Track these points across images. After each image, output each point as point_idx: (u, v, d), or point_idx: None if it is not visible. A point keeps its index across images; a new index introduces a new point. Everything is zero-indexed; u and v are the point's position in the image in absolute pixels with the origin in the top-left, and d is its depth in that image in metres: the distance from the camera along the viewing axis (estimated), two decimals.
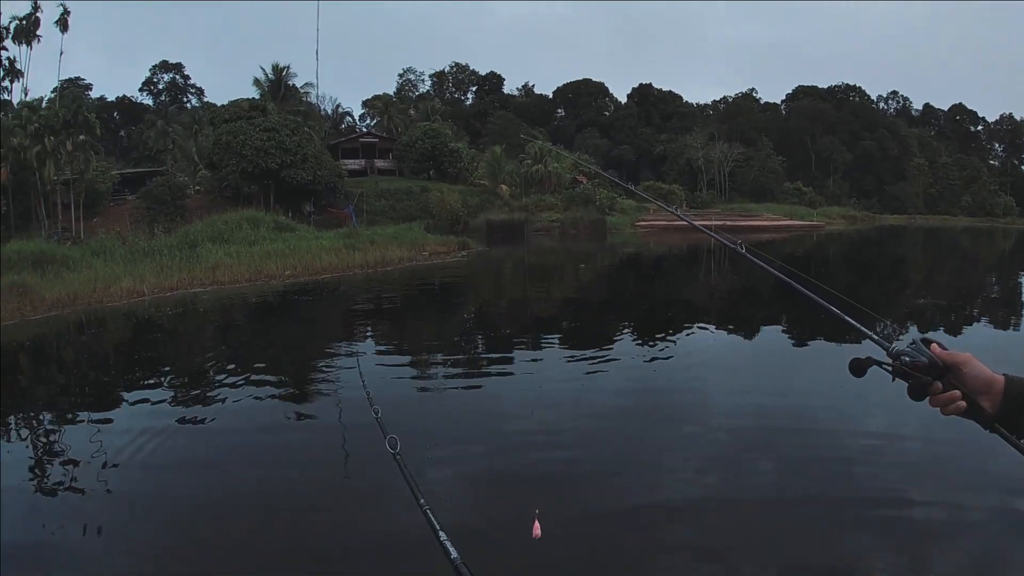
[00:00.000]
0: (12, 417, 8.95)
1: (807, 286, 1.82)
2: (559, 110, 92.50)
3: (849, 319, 1.70)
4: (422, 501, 1.93)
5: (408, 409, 8.43)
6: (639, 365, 11.02)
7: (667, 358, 11.58)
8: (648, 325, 15.14)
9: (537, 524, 5.05)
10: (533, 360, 11.45)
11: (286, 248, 24.51)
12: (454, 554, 1.70)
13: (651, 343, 12.80)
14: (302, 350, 12.65)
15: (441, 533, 1.78)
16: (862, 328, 1.66)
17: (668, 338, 13.22)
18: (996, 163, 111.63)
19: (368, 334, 14.17)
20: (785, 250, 38.24)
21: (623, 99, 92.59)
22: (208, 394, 9.31)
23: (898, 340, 1.47)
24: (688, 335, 13.56)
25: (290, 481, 6.38)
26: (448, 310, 17.68)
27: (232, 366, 10.91)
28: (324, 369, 11.06)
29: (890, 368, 1.44)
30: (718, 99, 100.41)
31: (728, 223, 50.11)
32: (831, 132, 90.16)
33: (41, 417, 9.10)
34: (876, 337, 1.55)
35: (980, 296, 21.77)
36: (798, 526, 5.80)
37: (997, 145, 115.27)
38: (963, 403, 1.39)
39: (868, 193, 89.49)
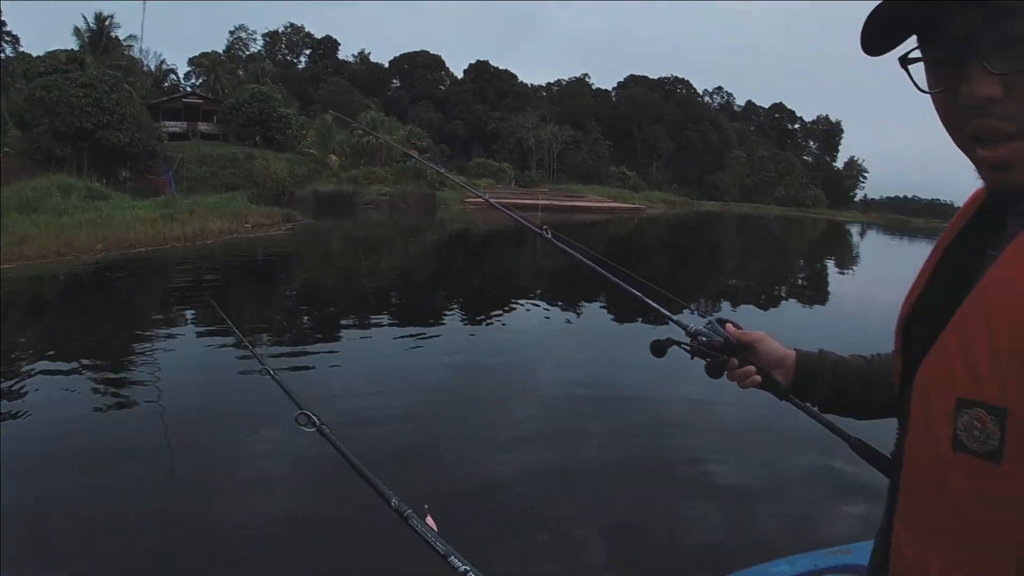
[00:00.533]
0: None
1: (614, 271, 1.97)
2: (394, 80, 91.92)
3: (651, 302, 1.86)
4: (396, 502, 1.76)
5: (230, 392, 8.26)
6: (467, 342, 11.37)
7: (495, 334, 12.04)
8: (476, 301, 15.71)
9: (430, 518, 5.39)
10: (362, 338, 11.41)
11: (98, 218, 23.21)
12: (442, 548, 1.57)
13: (479, 320, 13.32)
14: (116, 334, 12.15)
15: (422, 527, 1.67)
16: (662, 310, 1.82)
17: (495, 314, 13.79)
18: (809, 159, 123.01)
19: (187, 314, 13.80)
20: (608, 231, 40.24)
21: (459, 74, 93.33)
22: (16, 384, 8.74)
23: (699, 321, 1.62)
24: (515, 311, 14.17)
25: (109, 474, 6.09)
26: (272, 287, 17.53)
27: (37, 352, 10.34)
28: (141, 354, 10.61)
29: (688, 348, 1.58)
30: (552, 81, 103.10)
31: (555, 203, 52.15)
32: (658, 121, 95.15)
33: None
34: (675, 319, 1.71)
35: (788, 280, 24.20)
36: (625, 492, 6.14)
37: (812, 143, 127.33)
38: (758, 377, 1.53)
39: (688, 180, 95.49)
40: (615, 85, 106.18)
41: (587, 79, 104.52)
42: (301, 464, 6.14)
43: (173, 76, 71.89)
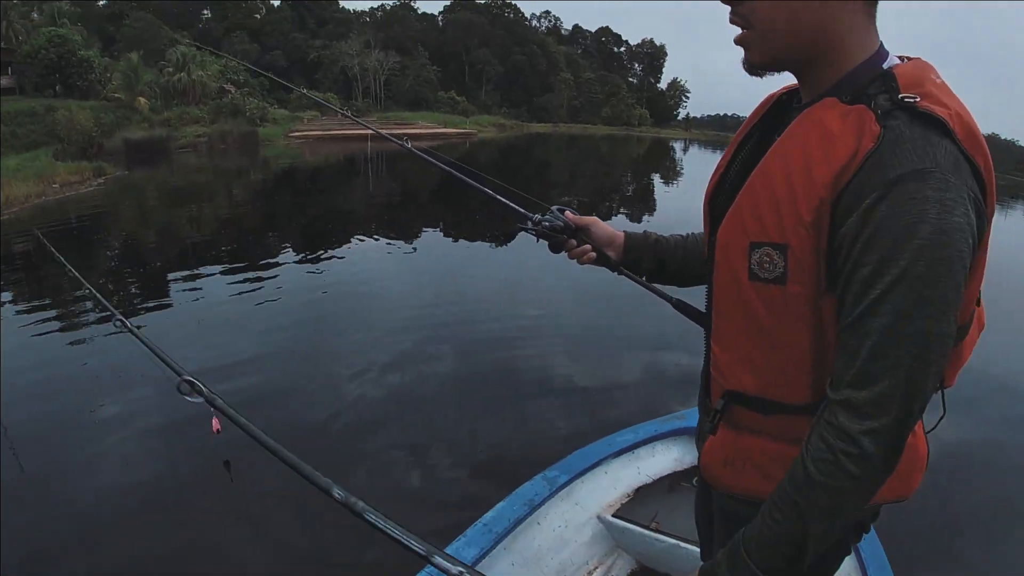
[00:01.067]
0: None
1: (472, 176, 2.19)
2: (205, 11, 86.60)
3: (503, 199, 2.05)
4: (340, 493, 1.36)
5: (65, 366, 7.47)
6: (305, 280, 11.23)
7: (333, 270, 12.00)
8: (310, 239, 15.46)
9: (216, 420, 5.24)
10: (193, 290, 10.86)
11: None
12: None
13: (315, 257, 13.14)
14: None
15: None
16: (511, 204, 1.99)
17: (332, 250, 13.69)
18: (635, 80, 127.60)
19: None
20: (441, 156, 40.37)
21: (276, 2, 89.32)
22: None
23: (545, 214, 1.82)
24: (352, 245, 14.20)
25: None
26: (90, 250, 16.35)
27: None
28: None
29: (534, 231, 1.78)
30: (376, 6, 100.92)
31: (384, 132, 51.52)
32: (485, 45, 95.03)
33: None
34: (522, 211, 1.88)
35: (616, 194, 25.53)
36: (478, 398, 6.49)
37: (637, 65, 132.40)
38: (593, 254, 1.76)
39: (517, 103, 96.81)
40: (441, 10, 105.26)
41: (411, 3, 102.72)
42: (179, 439, 5.64)
43: None
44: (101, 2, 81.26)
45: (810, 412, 1.23)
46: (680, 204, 22.63)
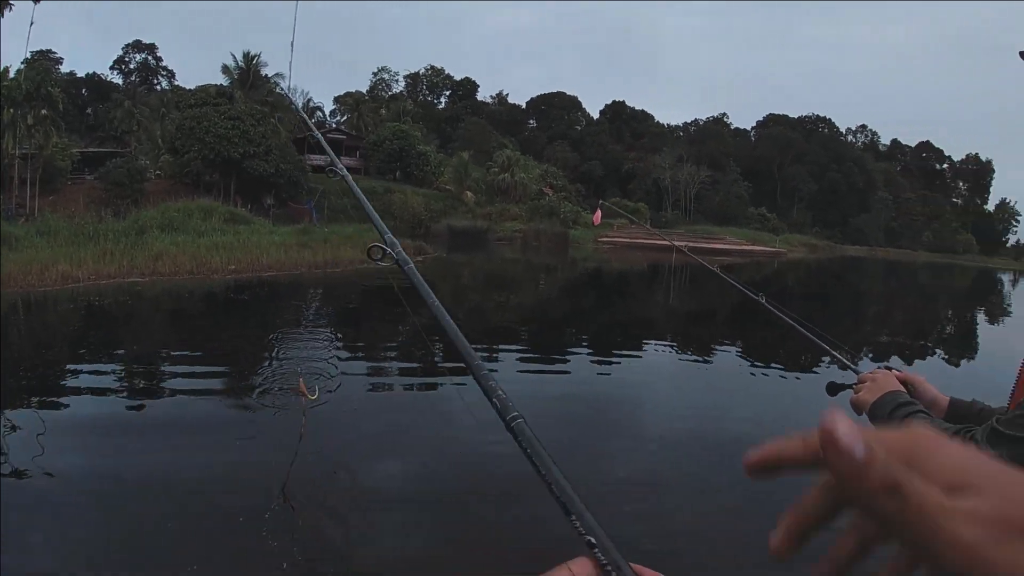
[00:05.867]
0: None
1: (780, 311, 2.31)
2: (531, 121, 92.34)
3: (836, 354, 2.13)
4: None
5: (354, 415, 8.16)
6: (590, 379, 11.05)
7: (618, 374, 11.58)
8: (604, 341, 15.08)
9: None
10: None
11: (235, 241, 23.90)
12: None
13: (605, 359, 12.79)
14: (232, 354, 12.20)
15: None
16: (841, 358, 2.09)
17: (622, 355, 13.23)
18: (959, 201, 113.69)
19: (318, 338, 13.58)
20: (744, 275, 38.48)
21: (595, 115, 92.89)
22: (145, 399, 8.87)
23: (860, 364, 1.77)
24: (643, 353, 13.63)
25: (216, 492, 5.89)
26: (395, 317, 17.23)
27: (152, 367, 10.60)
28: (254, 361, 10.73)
29: (856, 390, 1.78)
30: (689, 121, 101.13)
31: (691, 244, 50.18)
32: (799, 161, 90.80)
33: None
34: (852, 366, 1.98)
35: (933, 333, 22.00)
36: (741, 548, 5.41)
37: (961, 184, 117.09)
38: None
39: (831, 224, 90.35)
40: (754, 124, 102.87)
41: (725, 119, 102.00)
42: None
43: (319, 113, 74.87)
44: (440, 106, 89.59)
45: None
46: (1004, 352, 18.11)
